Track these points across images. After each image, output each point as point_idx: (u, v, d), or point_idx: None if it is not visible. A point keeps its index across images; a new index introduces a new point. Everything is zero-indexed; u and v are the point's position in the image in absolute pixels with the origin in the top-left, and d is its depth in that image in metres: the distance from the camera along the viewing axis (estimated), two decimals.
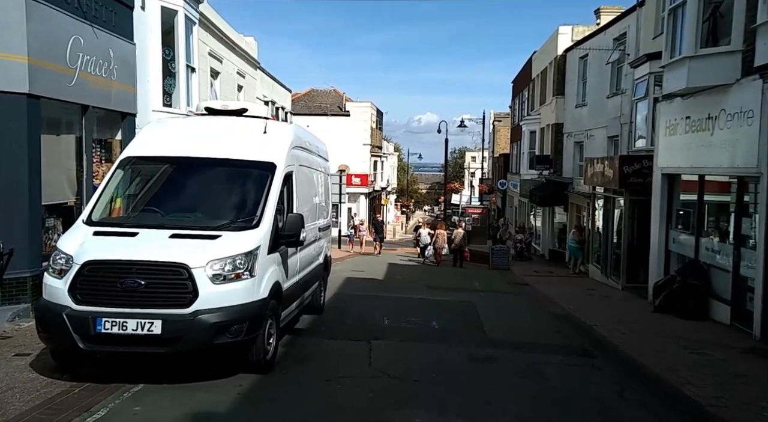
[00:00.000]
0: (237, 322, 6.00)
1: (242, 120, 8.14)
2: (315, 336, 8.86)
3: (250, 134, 7.78)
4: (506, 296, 15.26)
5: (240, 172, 7.34)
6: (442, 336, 9.46)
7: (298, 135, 8.62)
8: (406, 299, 13.25)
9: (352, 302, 12.35)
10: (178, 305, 5.82)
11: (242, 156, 7.37)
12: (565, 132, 27.08)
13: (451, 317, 11.25)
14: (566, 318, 11.78)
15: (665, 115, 13.50)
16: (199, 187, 7.37)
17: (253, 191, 7.17)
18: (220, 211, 6.98)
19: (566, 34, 27.87)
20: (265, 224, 6.70)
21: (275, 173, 7.24)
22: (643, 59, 16.59)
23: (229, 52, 20.09)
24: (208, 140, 7.59)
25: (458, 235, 24.34)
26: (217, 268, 6.00)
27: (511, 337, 9.73)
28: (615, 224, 18.14)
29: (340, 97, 47.98)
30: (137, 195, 7.49)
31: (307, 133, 10.04)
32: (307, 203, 8.94)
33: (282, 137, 7.86)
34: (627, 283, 16.46)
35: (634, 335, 10.03)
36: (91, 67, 10.37)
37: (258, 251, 6.37)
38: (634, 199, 16.42)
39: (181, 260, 5.88)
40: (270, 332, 6.74)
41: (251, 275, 6.22)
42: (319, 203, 10.42)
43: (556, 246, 28.18)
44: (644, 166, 15.65)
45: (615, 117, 20.55)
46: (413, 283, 16.99)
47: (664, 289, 12.52)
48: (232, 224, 6.66)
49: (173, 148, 7.47)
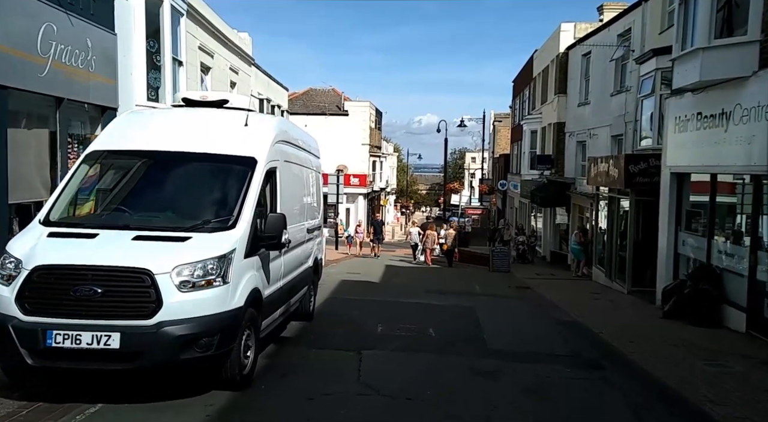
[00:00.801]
0: (207, 334, 5.35)
1: (222, 112, 7.49)
2: (302, 345, 8.21)
3: (229, 127, 7.15)
4: (507, 301, 14.61)
5: (217, 167, 6.70)
6: (440, 345, 8.82)
7: (284, 129, 7.97)
8: (402, 304, 12.61)
9: (345, 307, 11.71)
10: (140, 316, 5.17)
11: (220, 150, 6.72)
12: (567, 131, 26.50)
13: (449, 323, 10.60)
14: (571, 325, 11.13)
15: (674, 111, 12.86)
16: (171, 184, 6.72)
17: (230, 188, 6.53)
18: (192, 210, 6.33)
19: (568, 31, 27.26)
20: (243, 225, 6.05)
21: (256, 169, 6.59)
22: (649, 55, 15.97)
23: (221, 47, 19.43)
24: (184, 133, 6.96)
25: (449, 236, 24.37)
26: (185, 274, 5.35)
27: (513, 346, 9.08)
28: (620, 226, 17.50)
29: (338, 97, 47.35)
30: (103, 193, 6.83)
31: (295, 127, 9.41)
32: (294, 202, 8.30)
33: (265, 130, 7.21)
34: (633, 287, 15.82)
35: (645, 344, 9.38)
36: (66, 57, 9.72)
37: (233, 254, 5.72)
38: (640, 199, 15.80)
39: (144, 264, 5.23)
40: (248, 344, 6.09)
41: (224, 282, 5.57)
42: (310, 203, 9.78)
43: (558, 248, 27.55)
44: (651, 165, 15.03)
45: (619, 115, 19.96)
46: (411, 286, 16.35)
47: (673, 294, 11.88)
48: (206, 224, 6.01)
49: (145, 141, 6.82)
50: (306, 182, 9.31)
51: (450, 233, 24.56)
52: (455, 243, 24.47)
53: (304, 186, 9.14)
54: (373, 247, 27.41)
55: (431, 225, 27.92)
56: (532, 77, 34.34)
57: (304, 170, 9.19)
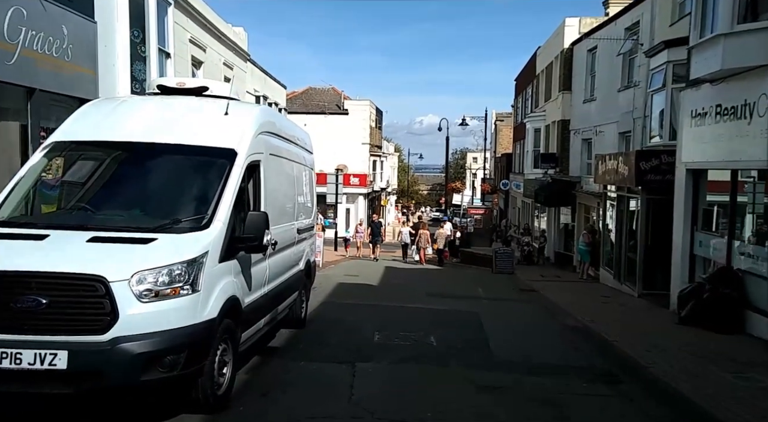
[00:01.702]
0: (173, 351, 4.63)
1: (200, 100, 6.78)
2: (289, 357, 7.48)
3: (207, 116, 6.45)
4: (513, 305, 13.88)
5: (192, 160, 5.98)
6: (442, 355, 8.08)
7: (270, 119, 7.24)
8: (401, 309, 11.88)
9: (341, 312, 10.99)
10: (92, 331, 4.45)
11: (195, 141, 6.01)
12: (572, 129, 25.80)
13: (451, 330, 9.87)
14: (582, 332, 10.39)
15: (690, 104, 12.11)
16: (140, 178, 6.01)
17: (205, 183, 5.81)
18: (162, 208, 5.62)
19: (573, 26, 26.54)
20: (218, 225, 5.33)
21: (235, 162, 5.88)
22: (660, 47, 15.25)
23: (214, 40, 18.72)
24: (157, 122, 6.25)
25: (440, 235, 25.05)
26: (147, 281, 4.63)
27: (521, 356, 8.34)
28: (629, 226, 16.76)
29: (338, 96, 46.60)
30: (67, 188, 6.12)
31: (284, 119, 8.70)
32: (282, 200, 7.59)
33: (247, 119, 6.49)
34: (643, 290, 15.08)
35: (663, 353, 8.64)
36: (38, 44, 9.02)
37: (204, 258, 5.00)
38: (652, 198, 15.07)
39: (97, 270, 4.50)
40: (223, 360, 5.37)
41: (194, 290, 4.85)
42: (302, 202, 9.08)
43: (563, 249, 26.81)
44: (663, 162, 14.31)
45: (627, 112, 19.25)
46: (411, 289, 15.62)
47: (690, 298, 11.13)
48: (175, 224, 5.29)
49: (112, 131, 6.11)
50: (296, 178, 8.59)
51: (441, 233, 25.07)
52: (446, 243, 25.04)
53: (294, 183, 8.43)
54: (373, 249, 26.04)
55: (423, 224, 28.11)
56: (535, 74, 33.61)
57: (294, 166, 8.48)
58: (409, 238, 25.99)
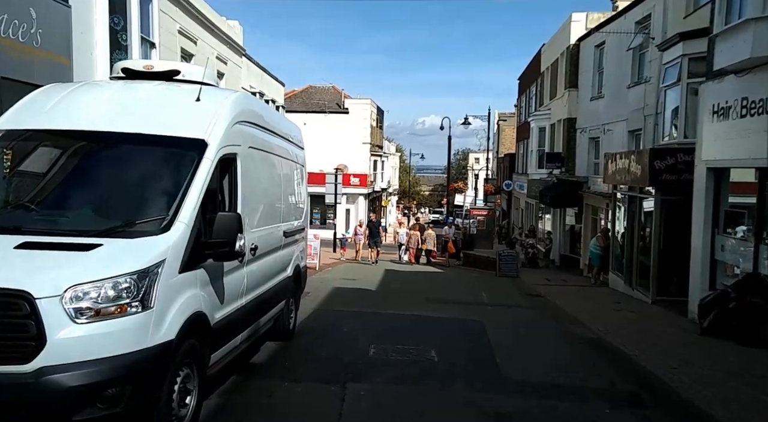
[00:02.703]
0: (115, 383, 3.80)
1: (170, 86, 5.96)
2: (272, 375, 6.63)
3: (176, 103, 5.64)
4: (520, 312, 13.01)
5: (153, 152, 5.15)
6: (444, 373, 7.22)
7: (250, 107, 6.40)
8: (400, 318, 11.04)
9: (334, 321, 10.15)
10: (12, 360, 3.62)
11: (159, 130, 5.18)
12: (579, 127, 24.97)
13: (455, 342, 9.02)
14: (597, 344, 9.53)
15: (711, 98, 11.26)
16: (93, 173, 5.17)
17: (168, 179, 4.98)
18: (115, 207, 4.79)
19: (579, 21, 25.72)
20: (180, 228, 4.50)
21: (204, 155, 5.05)
22: (675, 40, 14.41)
23: (206, 33, 17.89)
24: (116, 109, 5.43)
25: (428, 236, 25.51)
26: (86, 297, 3.80)
27: (533, 374, 7.47)
28: (641, 228, 15.91)
29: (338, 94, 45.73)
30: (10, 183, 5.28)
31: (269, 109, 7.88)
32: (264, 199, 6.74)
33: (221, 106, 5.66)
34: (657, 296, 14.24)
35: (690, 370, 7.79)
36: (1, 28, 8.20)
37: (160, 268, 4.17)
38: (666, 199, 14.23)
39: (20, 284, 3.67)
40: (185, 388, 4.54)
41: (145, 307, 4.02)
42: (291, 202, 8.26)
43: (569, 251, 25.95)
44: (679, 160, 13.47)
45: (637, 109, 18.42)
46: (411, 294, 14.77)
47: (713, 307, 10.28)
48: (128, 226, 4.46)
49: (63, 120, 5.28)
50: (284, 176, 7.75)
51: (430, 234, 25.69)
52: (434, 243, 25.58)
53: (281, 181, 7.58)
54: (371, 251, 24.53)
55: (415, 226, 28.58)
56: (540, 72, 32.76)
57: (281, 162, 7.64)
58: (405, 239, 26.25)
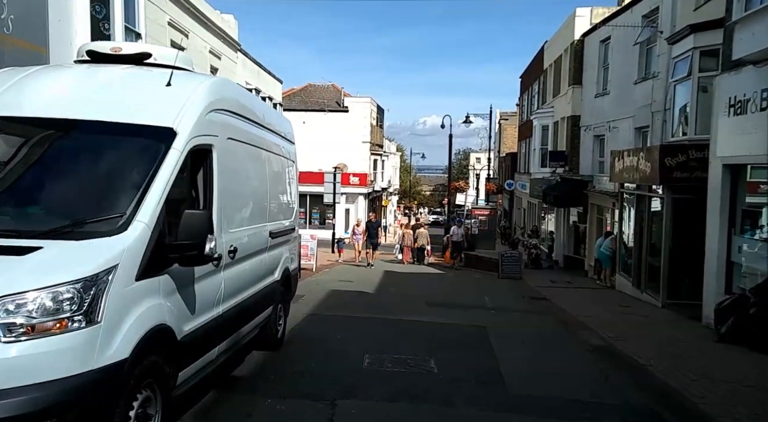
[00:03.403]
0: (51, 414, 3.18)
1: (139, 70, 5.34)
2: (254, 390, 6.00)
3: (144, 88, 5.04)
4: (524, 317, 12.37)
5: (114, 142, 4.53)
6: (444, 388, 6.59)
7: (230, 94, 5.78)
8: (398, 323, 10.42)
9: (328, 328, 9.54)
10: None
11: (121, 118, 4.57)
12: (583, 125, 24.37)
13: (456, 352, 8.40)
14: (608, 353, 8.91)
15: (728, 91, 10.65)
16: (44, 165, 4.55)
17: (128, 172, 4.37)
18: (64, 205, 4.17)
19: (584, 16, 25.10)
20: (138, 228, 3.89)
21: (172, 146, 4.44)
22: (685, 32, 13.81)
23: (198, 26, 17.30)
24: (75, 95, 4.84)
25: (420, 234, 25.47)
26: (17, 311, 3.20)
27: (541, 389, 6.85)
28: (650, 228, 15.28)
29: (338, 93, 45.10)
30: None
31: (253, 97, 7.26)
32: (246, 197, 6.14)
33: (195, 91, 5.04)
34: (668, 299, 13.63)
35: (712, 383, 7.17)
36: None
37: (111, 275, 3.56)
38: (677, 197, 13.62)
39: None
40: (146, 412, 3.92)
41: (90, 321, 3.40)
42: (279, 200, 7.67)
43: (573, 252, 25.33)
44: (691, 157, 12.87)
45: (644, 105, 17.80)
46: (410, 298, 14.14)
47: (730, 313, 9.68)
48: (76, 226, 3.85)
49: (13, 106, 4.67)
50: (270, 171, 7.14)
51: (421, 232, 25.67)
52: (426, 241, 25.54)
53: (266, 176, 6.97)
54: (368, 253, 22.82)
55: (408, 225, 28.76)
56: (543, 69, 32.16)
57: (267, 156, 7.04)
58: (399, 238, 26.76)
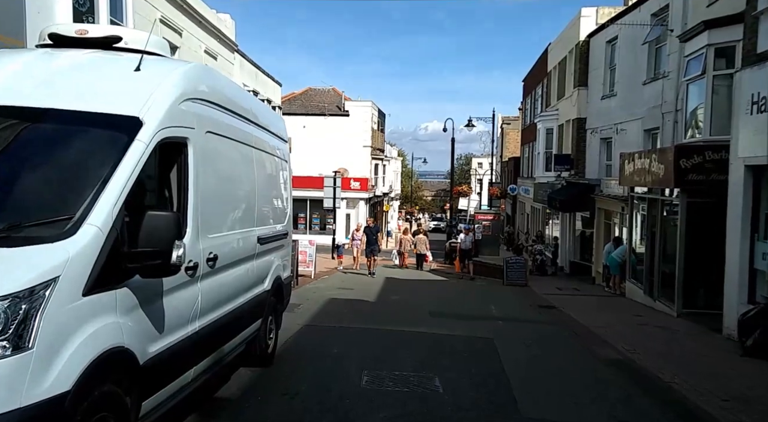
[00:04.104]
0: None
1: (105, 54, 4.72)
2: (238, 416, 5.35)
3: (110, 73, 4.42)
4: (534, 328, 11.68)
5: (67, 132, 3.89)
6: (451, 412, 5.91)
7: (211, 83, 5.14)
8: (399, 335, 9.74)
9: (325, 340, 8.87)
10: None
11: (78, 105, 3.95)
12: (589, 128, 23.77)
13: (462, 368, 7.72)
14: (627, 368, 8.23)
15: (752, 87, 10.01)
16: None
17: (82, 167, 3.73)
18: (5, 205, 3.52)
19: (590, 16, 24.52)
20: (89, 233, 3.25)
21: (137, 137, 3.81)
22: (699, 28, 13.21)
23: (193, 25, 16.71)
24: (32, 80, 4.21)
25: (419, 241, 25.18)
26: None
27: (558, 413, 6.17)
28: (663, 234, 14.61)
29: (339, 97, 44.56)
30: None
31: (238, 89, 6.61)
32: (229, 198, 5.50)
33: (167, 78, 4.42)
34: (684, 308, 12.95)
35: (745, 405, 6.51)
36: None
37: (49, 289, 2.92)
38: (693, 201, 12.96)
39: None
40: None
41: (18, 347, 2.76)
42: (271, 203, 7.05)
43: (579, 258, 24.65)
44: (708, 159, 12.25)
45: (654, 106, 17.20)
46: (412, 307, 13.48)
47: (757, 324, 9.04)
48: (12, 231, 3.20)
49: None
50: (259, 170, 6.49)
51: (420, 238, 25.42)
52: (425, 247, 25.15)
53: (255, 176, 6.32)
54: (368, 261, 20.86)
55: (405, 230, 28.55)
56: (547, 72, 31.57)
57: (257, 155, 6.40)
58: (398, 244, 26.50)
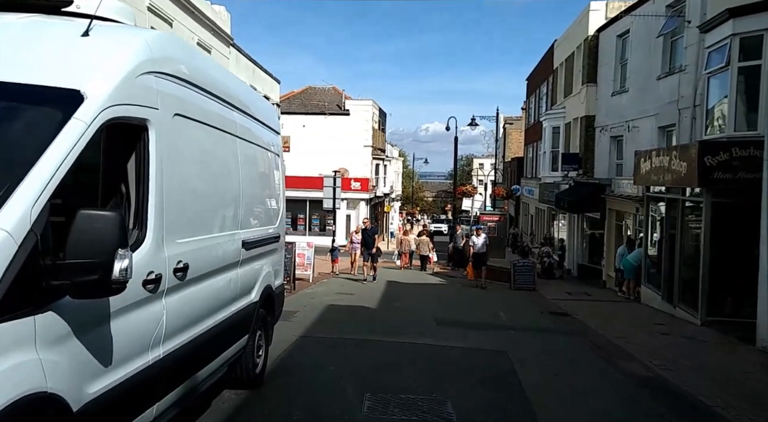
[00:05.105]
0: None
1: (49, 19, 3.85)
2: None
3: (51, 40, 3.55)
4: (548, 338, 10.79)
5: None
6: None
7: (180, 56, 4.26)
8: (404, 348, 8.87)
9: (321, 354, 8.01)
10: None
11: (2, 76, 3.09)
12: (598, 126, 22.97)
13: (476, 388, 6.84)
14: (662, 389, 7.35)
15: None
16: None
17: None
18: None
19: (599, 10, 23.74)
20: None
21: (74, 114, 2.96)
22: (723, 17, 12.39)
23: (185, 15, 15.90)
24: None
25: (422, 242, 24.97)
26: None
27: None
28: (684, 236, 13.75)
29: (339, 96, 43.74)
30: None
31: (222, 69, 5.74)
32: (205, 195, 4.63)
33: (122, 45, 3.56)
34: (708, 316, 12.08)
35: None
36: None
37: None
38: (719, 201, 12.11)
39: None
40: None
41: None
42: (261, 202, 6.21)
43: (588, 261, 23.81)
44: (735, 156, 11.42)
45: (669, 102, 16.37)
46: (416, 314, 12.62)
47: None
48: None
49: None
50: (245, 164, 5.60)
51: (422, 240, 25.27)
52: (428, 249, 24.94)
53: (238, 170, 5.43)
54: (366, 266, 19.28)
55: (406, 231, 28.52)
56: (553, 69, 30.76)
57: (239, 144, 5.50)
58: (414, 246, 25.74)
